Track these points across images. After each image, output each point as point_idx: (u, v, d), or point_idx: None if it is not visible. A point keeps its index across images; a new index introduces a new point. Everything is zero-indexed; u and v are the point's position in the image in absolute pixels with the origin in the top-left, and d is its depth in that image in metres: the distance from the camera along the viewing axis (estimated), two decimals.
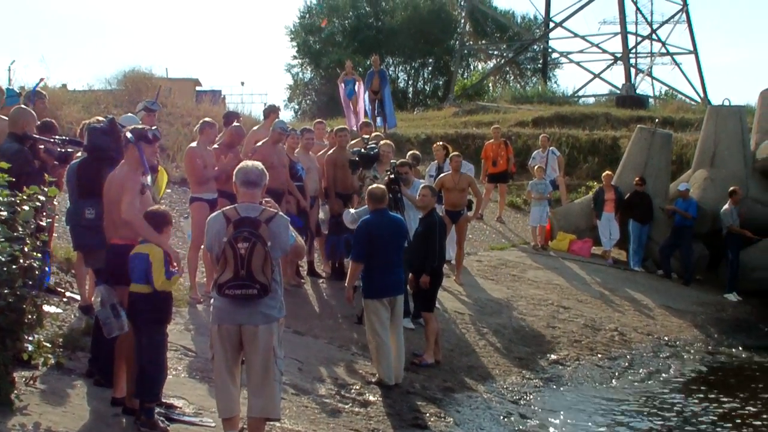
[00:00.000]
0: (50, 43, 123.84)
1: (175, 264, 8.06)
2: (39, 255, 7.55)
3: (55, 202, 9.11)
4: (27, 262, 7.30)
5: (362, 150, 14.43)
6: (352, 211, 12.84)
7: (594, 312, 16.50)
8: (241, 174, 7.62)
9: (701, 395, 13.08)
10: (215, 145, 13.13)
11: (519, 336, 14.44)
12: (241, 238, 7.24)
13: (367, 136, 15.73)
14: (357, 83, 25.66)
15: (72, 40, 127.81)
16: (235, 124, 13.91)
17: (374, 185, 11.67)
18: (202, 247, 12.47)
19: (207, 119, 13.14)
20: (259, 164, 7.87)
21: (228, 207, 7.71)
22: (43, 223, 8.08)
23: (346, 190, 14.64)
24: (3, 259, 7.06)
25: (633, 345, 15.27)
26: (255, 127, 16.23)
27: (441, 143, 18.81)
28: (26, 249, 7.31)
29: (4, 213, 7.31)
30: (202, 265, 13.17)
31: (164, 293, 8.00)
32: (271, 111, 16.00)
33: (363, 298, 11.15)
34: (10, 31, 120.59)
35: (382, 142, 14.92)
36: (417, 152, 16.52)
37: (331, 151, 15.00)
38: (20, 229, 7.34)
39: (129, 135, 8.41)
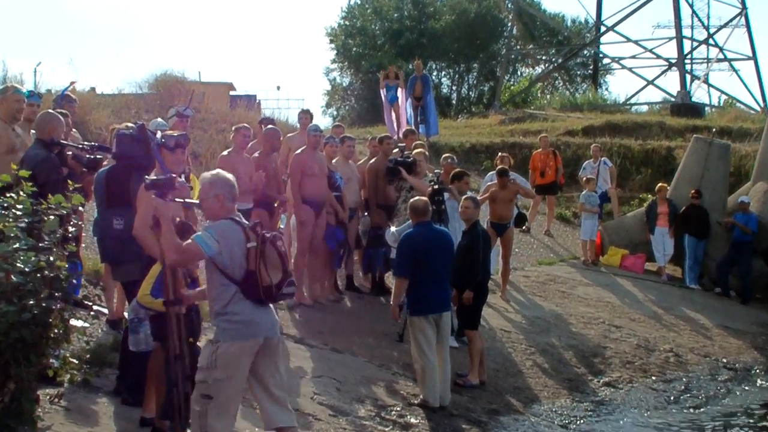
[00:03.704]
0: (79, 45, 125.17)
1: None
2: (66, 265, 7.48)
3: (81, 209, 8.98)
4: (53, 273, 7.24)
5: (397, 158, 14.34)
6: (393, 229, 12.67)
7: (648, 331, 16.29)
8: (229, 187, 7.44)
9: (762, 421, 12.85)
10: (255, 154, 13.10)
11: (568, 356, 14.28)
12: (278, 237, 7.33)
13: (402, 145, 15.64)
14: (399, 89, 25.54)
15: (101, 42, 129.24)
16: (269, 126, 13.83)
17: (416, 198, 11.58)
18: None
19: (241, 124, 13.11)
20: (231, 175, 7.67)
21: (227, 219, 7.48)
22: (71, 231, 7.98)
23: (388, 202, 14.52)
24: (27, 270, 7.00)
25: (689, 367, 15.05)
26: (290, 134, 16.19)
27: (505, 155, 18.76)
28: (51, 259, 7.25)
29: (24, 222, 7.25)
30: None
31: (191, 307, 7.92)
32: (303, 116, 16.03)
33: (408, 315, 11.06)
34: (38, 32, 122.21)
35: (415, 151, 14.79)
36: (452, 155, 16.29)
37: (373, 160, 14.90)
38: (46, 239, 7.28)
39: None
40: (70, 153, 9.69)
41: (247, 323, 7.26)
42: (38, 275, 7.06)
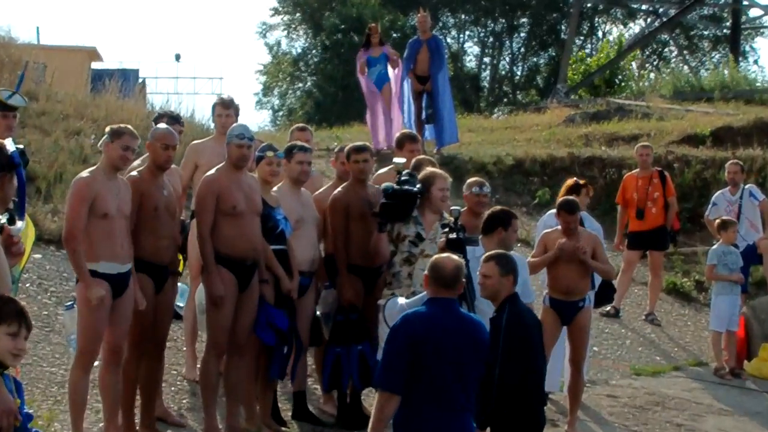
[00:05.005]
0: None
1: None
2: None
3: None
4: None
5: (395, 186, 14.07)
6: (403, 301, 12.25)
7: None
8: None
9: None
10: (134, 172, 12.86)
11: None
12: None
13: (401, 160, 15.35)
14: (391, 62, 25.48)
15: None
16: (161, 125, 13.56)
17: (443, 255, 11.06)
18: (97, 363, 12.29)
19: (122, 126, 12.83)
20: None
21: None
22: None
23: (370, 262, 14.41)
24: None
25: None
26: (196, 141, 16.04)
27: (575, 180, 18.51)
28: None
29: None
30: (97, 397, 12.89)
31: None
32: (222, 110, 15.77)
33: None
34: None
35: (429, 170, 14.48)
36: (482, 180, 15.77)
37: (340, 189, 14.72)
38: None
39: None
40: None
41: None
42: None
